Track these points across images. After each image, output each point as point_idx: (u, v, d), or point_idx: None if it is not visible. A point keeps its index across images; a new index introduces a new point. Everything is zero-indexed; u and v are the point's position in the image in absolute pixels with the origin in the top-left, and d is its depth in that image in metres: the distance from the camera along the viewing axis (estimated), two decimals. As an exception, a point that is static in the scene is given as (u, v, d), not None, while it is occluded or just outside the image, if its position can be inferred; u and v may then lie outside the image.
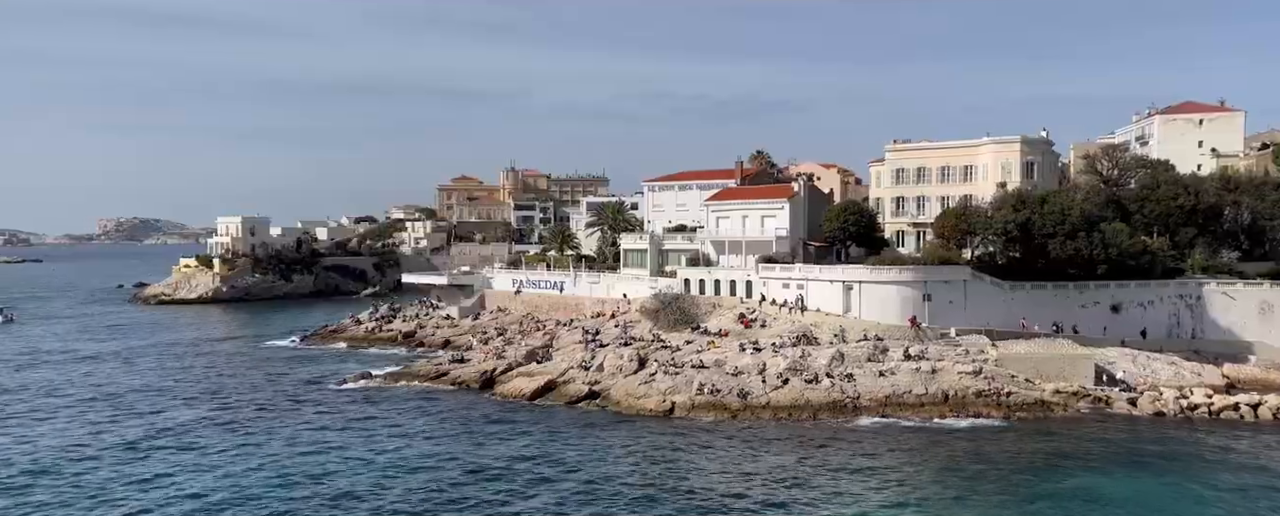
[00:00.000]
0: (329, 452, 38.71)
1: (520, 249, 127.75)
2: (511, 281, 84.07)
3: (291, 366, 63.49)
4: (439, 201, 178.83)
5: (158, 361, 65.88)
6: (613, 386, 49.62)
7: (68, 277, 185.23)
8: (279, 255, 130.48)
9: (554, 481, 34.67)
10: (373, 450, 39.02)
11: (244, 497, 32.43)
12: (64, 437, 41.86)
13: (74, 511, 31.19)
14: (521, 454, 38.54)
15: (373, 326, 79.99)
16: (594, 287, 76.34)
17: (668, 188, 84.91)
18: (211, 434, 42.47)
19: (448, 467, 36.29)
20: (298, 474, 35.44)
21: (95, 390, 54.51)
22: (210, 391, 53.56)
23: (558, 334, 66.87)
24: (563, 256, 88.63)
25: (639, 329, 63.10)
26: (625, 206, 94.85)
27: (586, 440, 40.96)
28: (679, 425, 44.04)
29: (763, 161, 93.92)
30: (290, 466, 36.59)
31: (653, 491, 33.37)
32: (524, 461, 37.40)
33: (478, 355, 60.64)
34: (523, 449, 39.37)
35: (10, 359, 68.33)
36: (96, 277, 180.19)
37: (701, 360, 51.05)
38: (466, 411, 47.27)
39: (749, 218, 71.78)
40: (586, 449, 39.38)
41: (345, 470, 36.01)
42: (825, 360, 49.30)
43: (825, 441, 40.47)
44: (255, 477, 35.03)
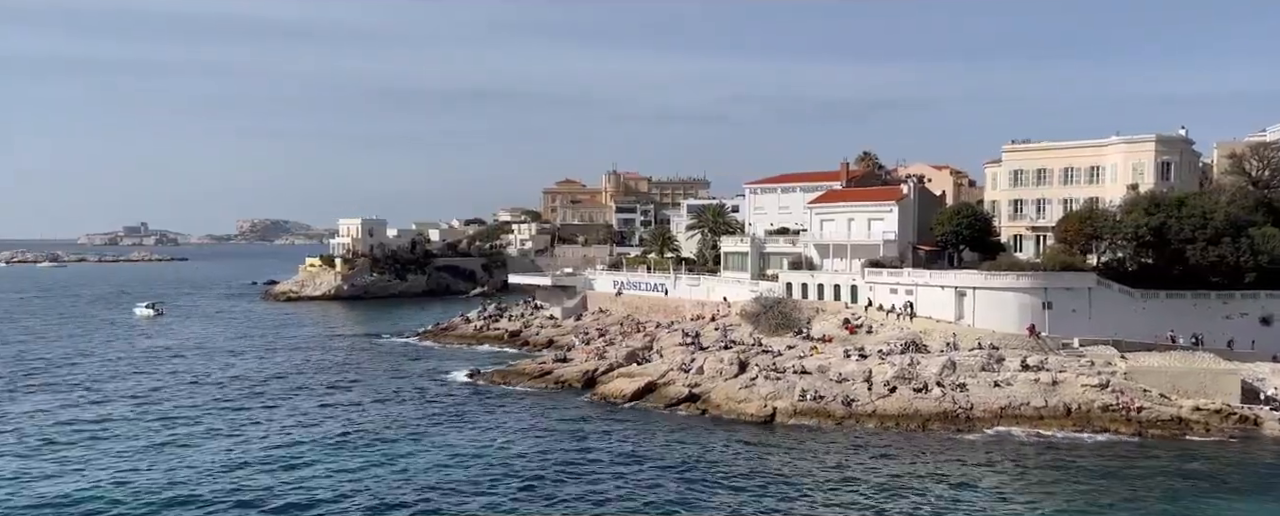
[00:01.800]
0: (440, 445, 40.24)
1: (621, 251, 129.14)
2: (612, 283, 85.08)
3: (407, 361, 66.47)
4: (543, 204, 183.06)
5: (287, 355, 70.27)
6: (713, 389, 49.39)
7: (208, 275, 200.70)
8: (395, 255, 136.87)
9: (652, 482, 34.79)
10: (479, 444, 40.30)
11: (360, 488, 34.05)
12: (204, 423, 45.24)
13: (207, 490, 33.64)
14: (621, 453, 38.90)
15: (481, 325, 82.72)
16: (694, 290, 76.26)
17: (770, 190, 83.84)
18: (332, 424, 44.93)
19: (549, 464, 37.05)
20: (411, 465, 37.00)
21: (234, 380, 58.63)
22: (333, 384, 56.67)
23: (658, 336, 67.16)
24: (663, 258, 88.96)
25: (739, 332, 62.57)
26: (726, 209, 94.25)
27: (686, 442, 40.92)
28: (780, 431, 43.37)
29: (869, 163, 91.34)
30: (404, 458, 38.24)
31: (754, 497, 32.97)
32: (623, 460, 37.73)
33: (580, 355, 61.68)
34: (622, 448, 39.74)
35: (160, 350, 74.45)
36: (233, 275, 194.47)
37: (804, 365, 50.09)
38: (568, 410, 48.15)
39: (855, 220, 69.94)
40: (686, 451, 39.34)
41: (454, 462, 37.33)
42: (936, 368, 47.42)
43: (936, 452, 38.91)
44: (370, 468, 36.77)
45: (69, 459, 37.79)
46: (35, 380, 57.36)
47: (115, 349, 73.42)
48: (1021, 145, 70.58)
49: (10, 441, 40.44)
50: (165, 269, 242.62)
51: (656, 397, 50.20)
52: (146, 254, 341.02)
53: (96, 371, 61.58)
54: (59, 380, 57.62)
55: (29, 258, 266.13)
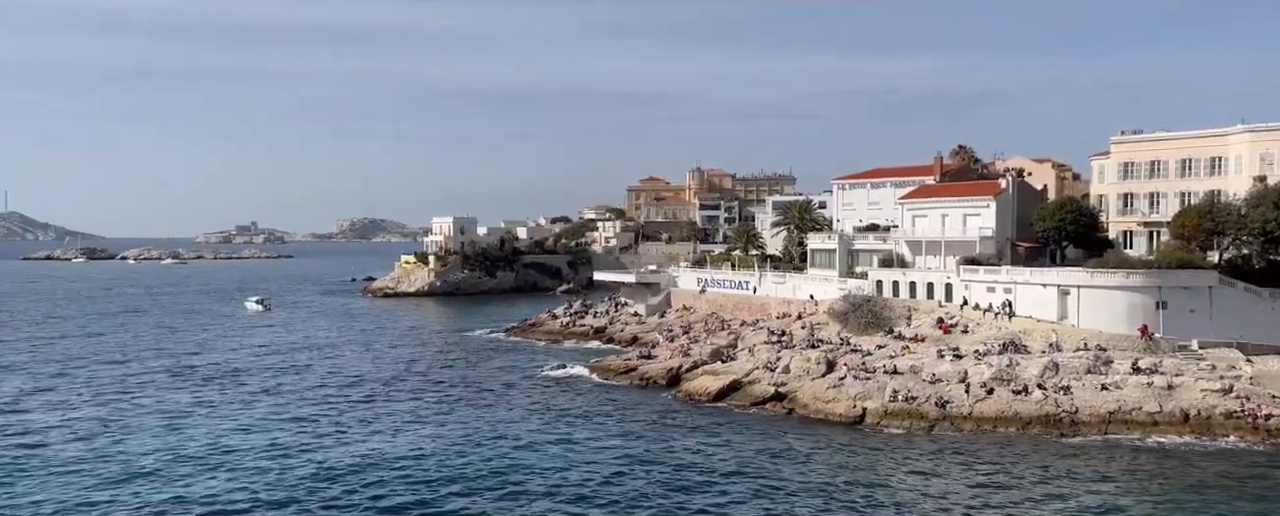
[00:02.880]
0: (525, 440, 40.95)
1: (705, 248, 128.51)
2: (696, 280, 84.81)
3: (495, 356, 68.12)
4: (628, 202, 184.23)
5: (383, 350, 73.06)
6: (799, 389, 48.55)
7: (311, 271, 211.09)
8: (484, 253, 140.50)
9: (737, 480, 34.46)
10: (564, 439, 40.80)
11: (453, 478, 35.04)
12: (306, 416, 47.55)
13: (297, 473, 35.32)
14: (705, 451, 38.70)
15: (567, 321, 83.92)
16: (779, 288, 75.17)
17: (859, 185, 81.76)
18: (428, 414, 46.46)
19: (634, 460, 37.19)
20: (493, 459, 37.81)
21: (334, 374, 61.36)
22: (424, 378, 58.60)
23: (742, 334, 66.53)
24: (747, 256, 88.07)
25: (826, 331, 61.30)
26: (812, 205, 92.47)
27: (771, 441, 40.37)
28: (869, 432, 42.25)
29: (965, 157, 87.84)
30: (486, 451, 39.13)
31: (840, 498, 32.23)
32: (707, 459, 37.53)
33: (664, 352, 61.74)
34: (707, 446, 39.52)
35: (268, 343, 78.74)
36: (334, 271, 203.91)
37: (895, 365, 48.63)
38: (653, 406, 48.27)
39: (949, 216, 67.39)
40: (772, 450, 38.81)
41: (538, 457, 37.90)
42: (1037, 370, 45.18)
43: (1038, 457, 37.08)
44: (463, 460, 37.78)
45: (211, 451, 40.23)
46: (167, 368, 61.54)
47: (229, 343, 77.99)
48: (1132, 136, 66.43)
49: (148, 436, 43.15)
50: (273, 266, 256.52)
51: (741, 396, 49.74)
52: (256, 251, 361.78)
53: (217, 364, 65.51)
54: (190, 372, 61.51)
55: (154, 255, 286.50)
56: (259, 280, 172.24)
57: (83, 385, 54.83)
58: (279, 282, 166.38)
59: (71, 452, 38.37)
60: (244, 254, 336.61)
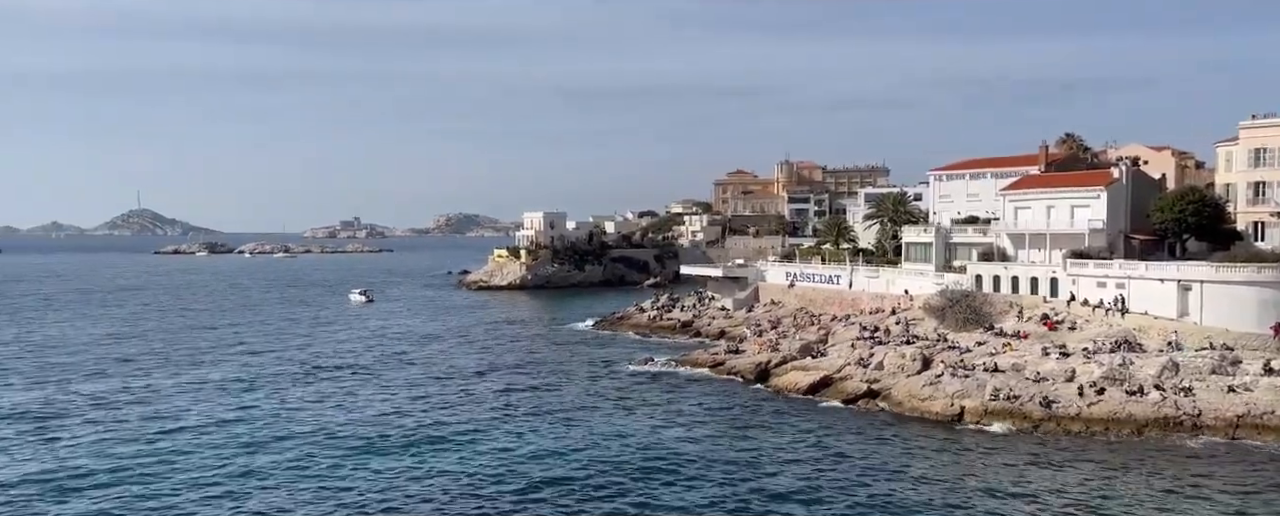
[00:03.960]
0: (612, 433, 41.42)
1: (793, 242, 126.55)
2: (785, 274, 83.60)
3: (584, 348, 69.14)
4: (715, 195, 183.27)
5: (479, 340, 75.24)
6: (893, 386, 47.24)
7: (410, 265, 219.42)
8: (573, 247, 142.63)
9: (827, 478, 33.85)
10: (651, 433, 41.01)
11: (543, 469, 35.79)
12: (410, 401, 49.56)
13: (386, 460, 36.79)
14: (795, 447, 38.20)
15: (654, 315, 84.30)
16: (872, 282, 73.24)
17: (957, 177, 78.67)
18: (520, 405, 47.59)
19: (723, 455, 37.06)
20: (582, 451, 38.36)
21: (434, 363, 63.62)
22: (517, 370, 59.94)
23: (833, 329, 65.21)
24: (838, 250, 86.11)
25: (922, 327, 59.37)
26: (907, 197, 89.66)
27: (863, 439, 39.46)
28: (968, 431, 40.72)
29: (1072, 145, 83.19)
30: (575, 443, 39.73)
31: (937, 499, 31.22)
32: (797, 454, 37.03)
33: (752, 347, 61.22)
34: (796, 442, 39.00)
35: (372, 334, 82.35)
36: (431, 265, 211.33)
37: (996, 363, 46.67)
38: (741, 401, 47.96)
39: (1055, 208, 64.06)
40: (863, 448, 37.94)
41: (626, 450, 38.23)
42: (1154, 370, 42.46)
43: (1155, 462, 34.88)
44: (554, 452, 38.52)
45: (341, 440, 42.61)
46: (291, 358, 65.31)
47: (335, 332, 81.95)
48: (1265, 121, 61.31)
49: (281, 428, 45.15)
50: (374, 259, 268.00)
51: (832, 392, 48.80)
52: (359, 246, 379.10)
53: (328, 353, 69.03)
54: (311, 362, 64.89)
55: (267, 249, 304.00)
56: (362, 273, 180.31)
57: (225, 373, 58.45)
58: (380, 276, 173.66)
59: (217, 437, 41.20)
60: (348, 248, 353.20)
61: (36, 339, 75.67)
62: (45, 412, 45.09)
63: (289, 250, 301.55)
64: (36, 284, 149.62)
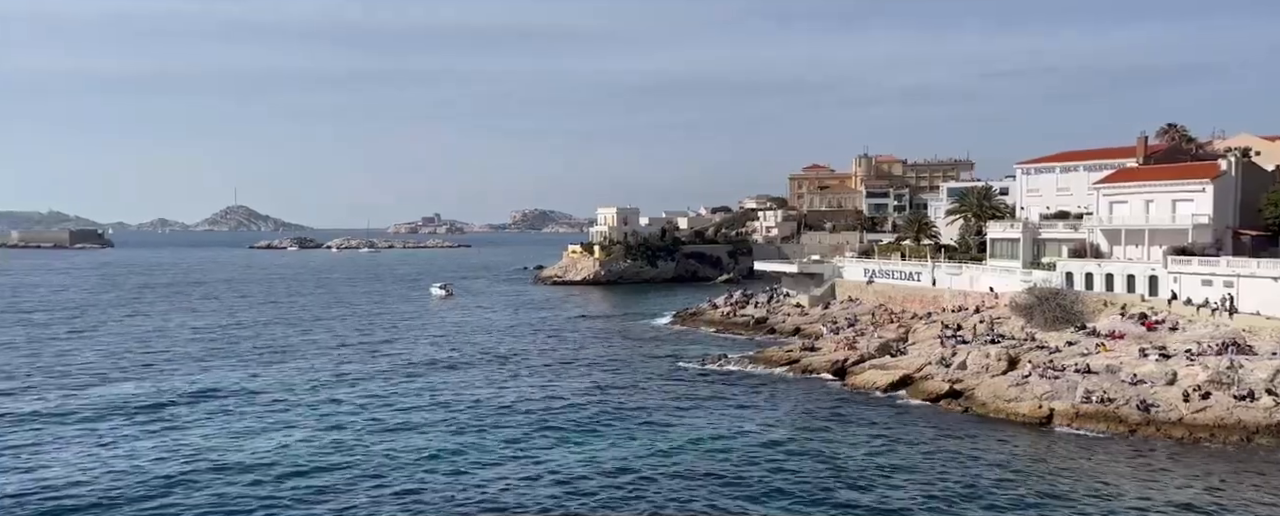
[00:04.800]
0: (685, 429, 41.35)
1: (872, 238, 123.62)
2: (863, 271, 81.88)
3: (660, 344, 69.32)
4: (790, 190, 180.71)
5: (556, 334, 76.31)
6: (977, 386, 45.68)
7: (488, 260, 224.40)
8: (646, 242, 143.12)
9: (907, 478, 33.01)
10: (725, 430, 40.71)
11: (619, 464, 36.09)
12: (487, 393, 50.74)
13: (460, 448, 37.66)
14: (872, 446, 37.40)
15: (727, 311, 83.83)
16: (955, 279, 70.97)
17: (1047, 170, 75.39)
18: (594, 401, 48.08)
19: (798, 454, 36.60)
20: (656, 448, 38.41)
21: (512, 356, 64.95)
22: (591, 364, 60.64)
23: (913, 327, 63.54)
24: (919, 246, 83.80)
25: (1008, 326, 57.19)
26: (993, 191, 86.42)
27: (945, 440, 38.31)
28: (1058, 435, 39.03)
29: (1175, 136, 78.52)
30: (648, 440, 39.86)
31: (1029, 501, 30.04)
32: (874, 454, 36.24)
33: (829, 344, 60.21)
34: (873, 441, 38.16)
35: (451, 328, 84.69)
36: (507, 260, 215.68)
37: (1088, 364, 44.55)
38: (817, 400, 47.23)
39: (1155, 202, 60.67)
40: (945, 449, 36.84)
41: (698, 448, 38.08)
42: (1266, 373, 39.76)
43: (1265, 472, 32.68)
44: (630, 448, 38.79)
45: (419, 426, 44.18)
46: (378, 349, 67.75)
47: (416, 325, 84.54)
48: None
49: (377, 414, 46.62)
50: (454, 254, 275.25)
51: (912, 392, 47.55)
52: (439, 241, 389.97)
53: (410, 346, 71.37)
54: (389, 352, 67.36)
55: (353, 244, 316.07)
56: (442, 268, 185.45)
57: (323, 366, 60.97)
58: (459, 270, 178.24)
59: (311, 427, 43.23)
60: (428, 243, 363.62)
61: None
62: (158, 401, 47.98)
63: (374, 245, 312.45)
64: (148, 276, 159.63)
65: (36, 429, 40.31)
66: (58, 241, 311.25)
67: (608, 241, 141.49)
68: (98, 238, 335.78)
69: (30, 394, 48.26)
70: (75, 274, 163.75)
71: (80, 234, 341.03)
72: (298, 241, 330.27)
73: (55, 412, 43.60)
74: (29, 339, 71.96)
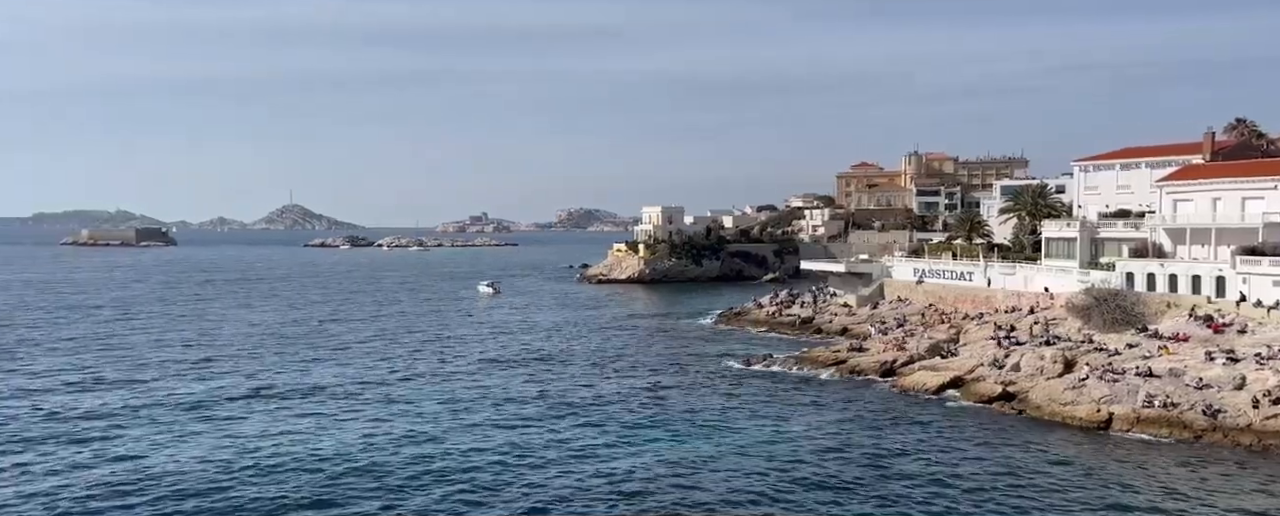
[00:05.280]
0: (731, 430, 41.11)
1: (922, 237, 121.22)
2: (913, 270, 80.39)
3: (705, 343, 69.07)
4: (837, 189, 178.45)
5: (601, 332, 76.56)
6: (1031, 388, 44.47)
7: (534, 259, 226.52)
8: (691, 241, 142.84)
9: (957, 482, 32.27)
10: (774, 430, 40.41)
11: (664, 469, 35.98)
12: (531, 390, 51.18)
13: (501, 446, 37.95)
14: (922, 449, 36.66)
15: (773, 311, 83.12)
16: (1008, 279, 69.21)
17: (1106, 167, 73.03)
18: (640, 401, 48.08)
19: (850, 455, 36.08)
20: (709, 446, 38.29)
21: (558, 353, 65.47)
22: (640, 361, 60.71)
23: (965, 327, 62.13)
24: (971, 245, 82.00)
25: (1064, 327, 55.53)
26: (1048, 189, 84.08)
27: (998, 443, 37.37)
28: (1117, 441, 37.76)
29: (1244, 131, 75.44)
30: (700, 439, 39.73)
31: (1092, 508, 29.10)
32: (924, 457, 35.53)
33: (877, 345, 59.26)
34: (923, 444, 37.42)
35: (499, 325, 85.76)
36: (553, 258, 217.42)
37: (1150, 367, 43.00)
38: (865, 401, 46.52)
39: (1223, 200, 58.27)
40: (998, 453, 35.93)
41: (742, 449, 37.82)
42: (1342, 381, 37.85)
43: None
44: (677, 448, 38.71)
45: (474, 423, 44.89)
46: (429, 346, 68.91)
47: (465, 322, 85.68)
48: None
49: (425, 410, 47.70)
50: (501, 253, 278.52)
51: (963, 393, 46.51)
52: (486, 240, 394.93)
53: (459, 343, 72.45)
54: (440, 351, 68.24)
55: (403, 243, 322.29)
56: (489, 266, 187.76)
57: (373, 364, 62.23)
58: (506, 268, 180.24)
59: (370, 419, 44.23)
60: (476, 242, 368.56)
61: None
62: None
63: (423, 244, 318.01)
64: (210, 273, 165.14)
65: (109, 422, 41.64)
66: (125, 239, 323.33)
67: (653, 240, 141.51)
68: (162, 236, 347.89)
69: (103, 387, 49.81)
70: (140, 270, 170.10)
71: (146, 232, 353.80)
72: (350, 240, 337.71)
73: (128, 406, 45.05)
74: (97, 334, 74.89)
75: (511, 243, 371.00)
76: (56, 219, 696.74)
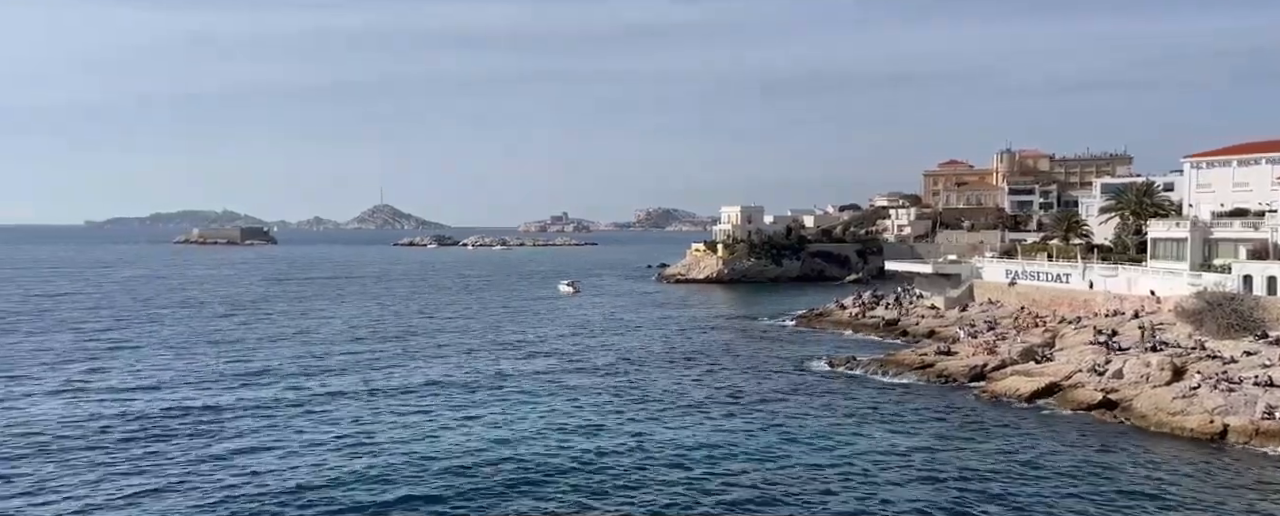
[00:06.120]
0: (816, 433, 40.33)
1: (1015, 237, 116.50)
2: (1005, 272, 77.23)
3: (786, 345, 68.08)
4: (924, 187, 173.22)
5: (680, 332, 76.38)
6: (1136, 396, 42.02)
7: (612, 258, 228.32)
8: (770, 241, 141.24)
9: (1055, 494, 30.75)
10: (857, 435, 39.39)
11: (743, 470, 35.66)
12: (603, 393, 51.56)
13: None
14: (1015, 459, 35.08)
15: (856, 312, 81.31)
16: (1109, 281, 65.65)
17: (1221, 163, 68.44)
18: (720, 402, 47.78)
19: (931, 464, 34.90)
20: (787, 450, 37.73)
21: (635, 352, 65.85)
22: (718, 361, 60.28)
23: (1061, 331, 59.29)
24: (1068, 245, 78.26)
25: (1172, 333, 52.28)
26: (1155, 187, 79.40)
27: (1099, 453, 35.44)
28: (1234, 453, 35.26)
29: (1381, 121, 69.27)
30: (780, 443, 39.19)
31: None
32: (1017, 467, 33.98)
33: (966, 348, 57.16)
34: (1016, 453, 35.79)
35: (579, 323, 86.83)
36: (632, 258, 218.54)
37: (1270, 377, 40.00)
38: (953, 406, 44.90)
39: (1354, 196, 53.71)
40: (1099, 465, 34.05)
41: (835, 454, 37.08)
42: None
43: None
44: (754, 448, 38.31)
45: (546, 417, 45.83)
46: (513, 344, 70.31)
47: (546, 320, 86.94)
48: None
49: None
50: (580, 252, 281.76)
51: (1060, 400, 44.36)
52: (567, 239, 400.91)
53: (542, 342, 73.66)
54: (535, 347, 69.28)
55: (486, 242, 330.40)
56: (569, 265, 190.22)
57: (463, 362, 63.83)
58: (585, 267, 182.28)
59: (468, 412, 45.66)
60: (557, 241, 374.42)
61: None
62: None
63: (506, 243, 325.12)
64: (309, 270, 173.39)
65: (228, 417, 43.02)
66: (230, 238, 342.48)
67: (731, 240, 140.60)
68: (264, 235, 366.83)
69: (219, 385, 50.74)
70: (243, 267, 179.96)
71: (249, 231, 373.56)
72: (436, 239, 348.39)
73: (250, 403, 46.34)
74: (208, 333, 79.52)
75: (591, 242, 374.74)
76: (170, 219, 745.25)
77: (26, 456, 35.23)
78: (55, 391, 48.10)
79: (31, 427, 39.75)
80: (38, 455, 35.36)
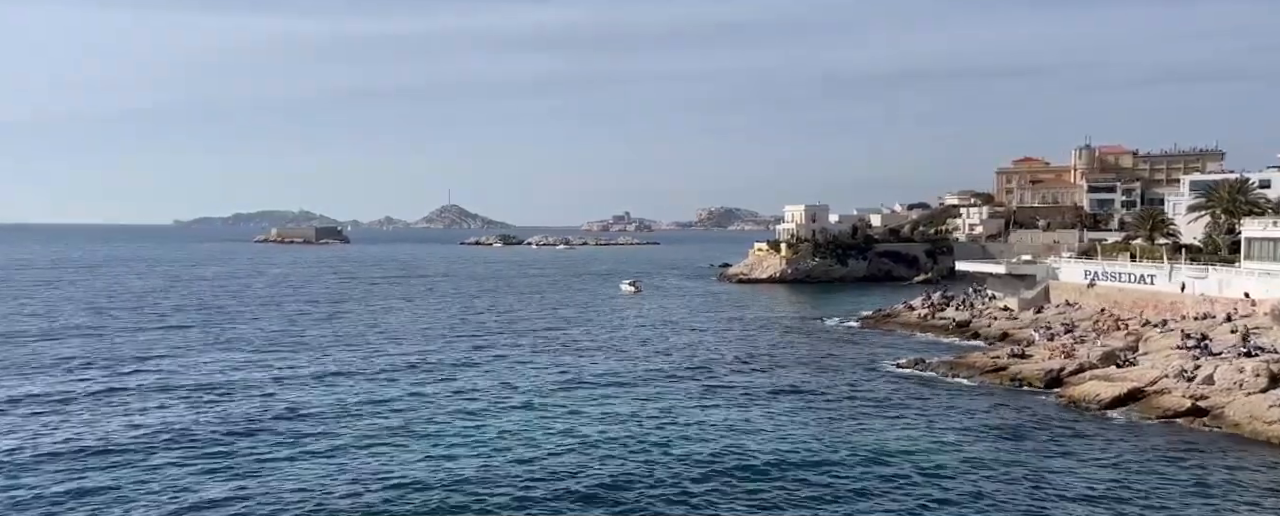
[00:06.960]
0: (882, 438, 39.40)
1: (1094, 236, 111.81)
2: (1083, 272, 74.19)
3: (851, 346, 66.75)
4: (997, 185, 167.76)
5: (743, 332, 75.61)
6: (1228, 404, 39.81)
7: (674, 257, 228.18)
8: (836, 241, 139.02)
9: (1143, 503, 29.36)
10: (924, 441, 38.22)
11: (806, 472, 35.21)
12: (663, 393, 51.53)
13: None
14: (1096, 468, 33.60)
15: (925, 313, 79.33)
16: (1198, 283, 62.36)
17: (1322, 156, 64.27)
18: (783, 403, 47.20)
19: (1004, 472, 33.66)
20: (861, 454, 37.06)
21: (696, 352, 65.67)
22: (780, 362, 59.52)
23: (1145, 335, 56.56)
24: (1153, 245, 74.69)
25: (1268, 337, 49.31)
26: (1250, 184, 75.16)
27: (1187, 465, 33.62)
28: (1338, 468, 33.11)
29: None
30: (851, 446, 38.51)
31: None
32: (1099, 477, 32.53)
33: (1042, 351, 55.11)
34: (1098, 463, 34.25)
35: (641, 322, 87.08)
36: (694, 257, 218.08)
37: (1380, 386, 37.41)
38: (1027, 412, 43.29)
39: None
40: (1187, 474, 32.34)
41: (904, 458, 36.25)
42: None
43: None
44: (818, 451, 37.76)
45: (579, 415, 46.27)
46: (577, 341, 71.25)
47: (611, 321, 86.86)
48: None
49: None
50: (642, 251, 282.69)
51: (1143, 407, 42.33)
52: (629, 239, 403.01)
53: (606, 342, 74.19)
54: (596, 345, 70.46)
55: (550, 241, 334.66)
56: (631, 264, 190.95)
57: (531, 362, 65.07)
58: (647, 267, 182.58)
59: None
60: (619, 241, 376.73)
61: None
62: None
63: (569, 242, 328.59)
64: (381, 268, 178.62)
65: (298, 417, 44.68)
66: (306, 237, 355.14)
67: (795, 239, 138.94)
68: (337, 234, 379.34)
69: (298, 385, 50.48)
70: (320, 266, 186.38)
71: (323, 231, 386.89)
72: (501, 238, 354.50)
73: (327, 402, 48.62)
74: (289, 335, 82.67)
75: (653, 242, 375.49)
76: (250, 218, 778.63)
77: (137, 454, 37.15)
78: (160, 388, 50.49)
79: (155, 425, 41.97)
80: (152, 451, 35.85)
